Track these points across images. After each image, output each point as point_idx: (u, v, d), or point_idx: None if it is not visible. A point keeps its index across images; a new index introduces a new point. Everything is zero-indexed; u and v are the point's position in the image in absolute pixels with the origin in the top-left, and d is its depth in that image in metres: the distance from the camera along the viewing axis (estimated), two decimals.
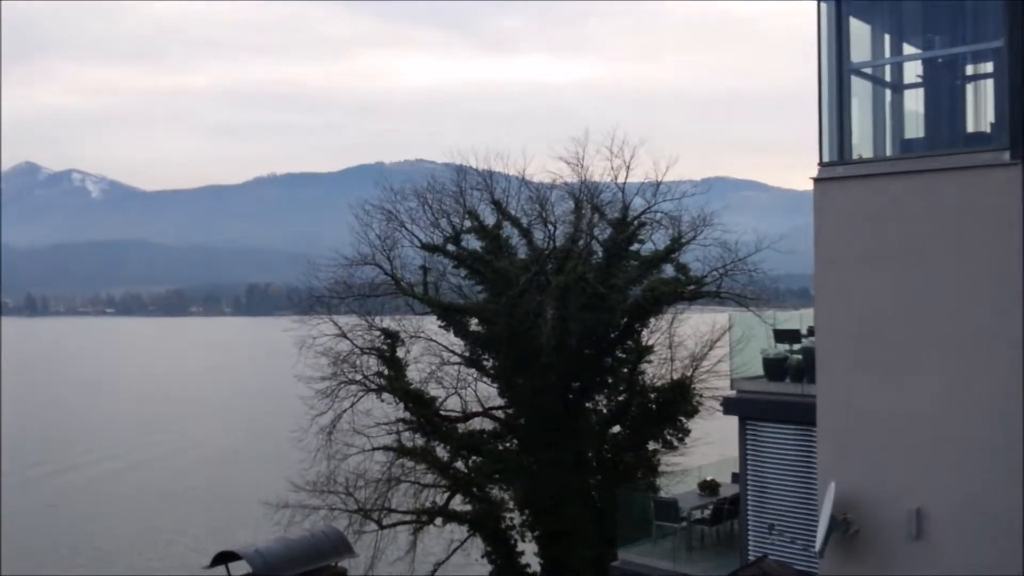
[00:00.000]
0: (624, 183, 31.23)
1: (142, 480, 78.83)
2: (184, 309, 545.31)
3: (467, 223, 31.92)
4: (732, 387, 21.54)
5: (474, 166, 32.61)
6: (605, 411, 31.68)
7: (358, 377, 30.94)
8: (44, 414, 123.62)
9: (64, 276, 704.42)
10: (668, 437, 30.61)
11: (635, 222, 31.29)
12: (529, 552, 31.17)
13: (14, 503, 70.89)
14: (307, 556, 12.66)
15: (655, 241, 31.70)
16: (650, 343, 31.42)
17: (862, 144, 13.65)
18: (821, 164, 13.26)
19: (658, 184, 31.11)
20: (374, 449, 30.91)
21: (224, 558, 12.49)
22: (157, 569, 52.97)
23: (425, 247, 31.76)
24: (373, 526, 29.98)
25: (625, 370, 31.23)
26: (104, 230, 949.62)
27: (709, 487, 24.50)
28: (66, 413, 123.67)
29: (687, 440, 30.95)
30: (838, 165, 13.15)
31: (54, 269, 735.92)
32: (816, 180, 13.17)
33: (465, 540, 31.44)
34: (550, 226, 31.44)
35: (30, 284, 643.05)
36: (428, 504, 31.12)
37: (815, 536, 13.17)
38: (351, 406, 30.67)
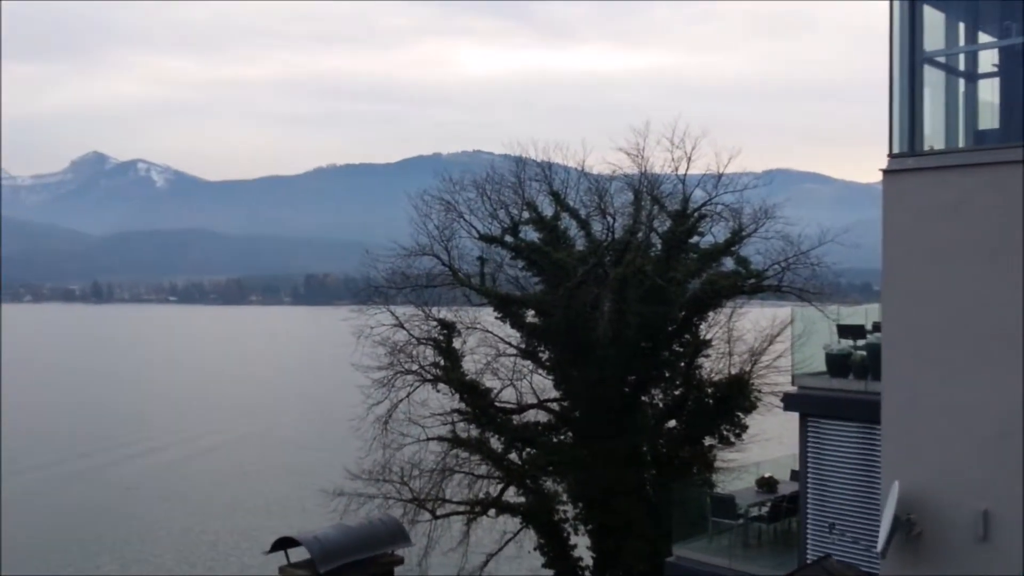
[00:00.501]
0: (685, 175, 30.89)
1: (202, 467, 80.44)
2: (244, 298, 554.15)
3: (525, 214, 31.82)
4: (793, 383, 21.18)
5: (533, 157, 32.54)
6: (661, 405, 31.39)
7: (414, 367, 31.06)
8: (110, 401, 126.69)
9: (129, 264, 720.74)
10: (725, 433, 30.22)
11: (695, 214, 30.90)
12: (582, 545, 31.08)
13: (86, 486, 72.94)
14: (365, 543, 12.66)
15: (715, 234, 31.29)
16: (708, 337, 31.03)
17: (934, 135, 13.28)
18: (891, 156, 12.91)
19: (719, 176, 30.71)
20: (429, 439, 31.04)
21: (284, 543, 12.55)
22: (217, 554, 54.00)
23: (483, 238, 31.74)
24: (427, 516, 30.12)
25: (682, 364, 30.89)
26: (168, 219, 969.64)
27: (767, 484, 24.13)
28: (131, 401, 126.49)
29: (744, 436, 30.54)
30: (909, 157, 12.79)
31: (119, 257, 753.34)
32: (886, 172, 12.82)
33: (518, 532, 31.43)
34: (609, 218, 31.18)
35: (96, 272, 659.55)
36: (481, 495, 31.17)
37: (877, 536, 12.87)
38: (407, 396, 30.82)
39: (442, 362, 31.23)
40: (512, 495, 31.40)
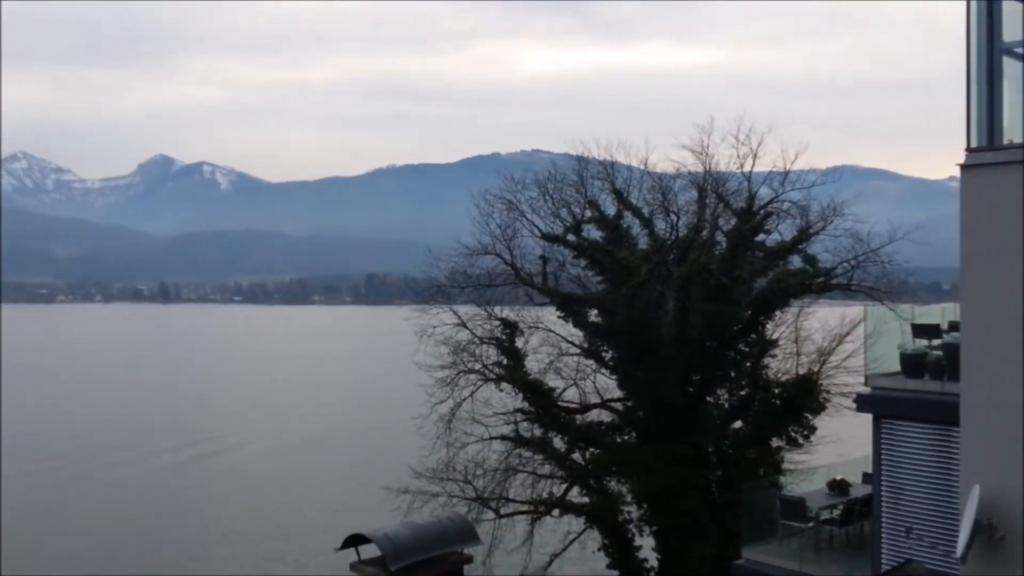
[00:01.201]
0: (750, 172, 30.43)
1: (266, 465, 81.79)
2: (306, 297, 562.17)
3: (588, 213, 31.67)
4: (866, 383, 20.73)
5: (594, 155, 32.37)
6: (726, 405, 31.04)
7: (477, 366, 31.11)
8: (176, 399, 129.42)
9: (195, 265, 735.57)
10: (793, 434, 29.73)
11: (761, 212, 30.45)
12: (647, 546, 30.83)
13: (156, 485, 74.66)
14: (434, 541, 12.71)
15: (782, 232, 30.80)
16: (775, 337, 30.58)
17: (1012, 128, 12.86)
18: (968, 150, 12.54)
19: (786, 173, 30.21)
20: (492, 438, 31.05)
21: (354, 540, 12.66)
22: (287, 551, 54.82)
23: (545, 237, 31.64)
24: (490, 515, 30.13)
25: (748, 364, 30.49)
26: (232, 220, 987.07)
27: (839, 487, 23.68)
28: (197, 400, 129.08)
29: (813, 438, 30.00)
30: (987, 151, 12.41)
31: (186, 258, 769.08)
32: (963, 167, 12.46)
33: (582, 532, 31.29)
34: (673, 216, 30.89)
35: (164, 272, 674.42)
36: (545, 495, 31.10)
37: (956, 541, 12.53)
38: (470, 395, 30.87)
39: (505, 361, 31.24)
40: (576, 495, 31.28)
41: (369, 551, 14.01)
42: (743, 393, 30.76)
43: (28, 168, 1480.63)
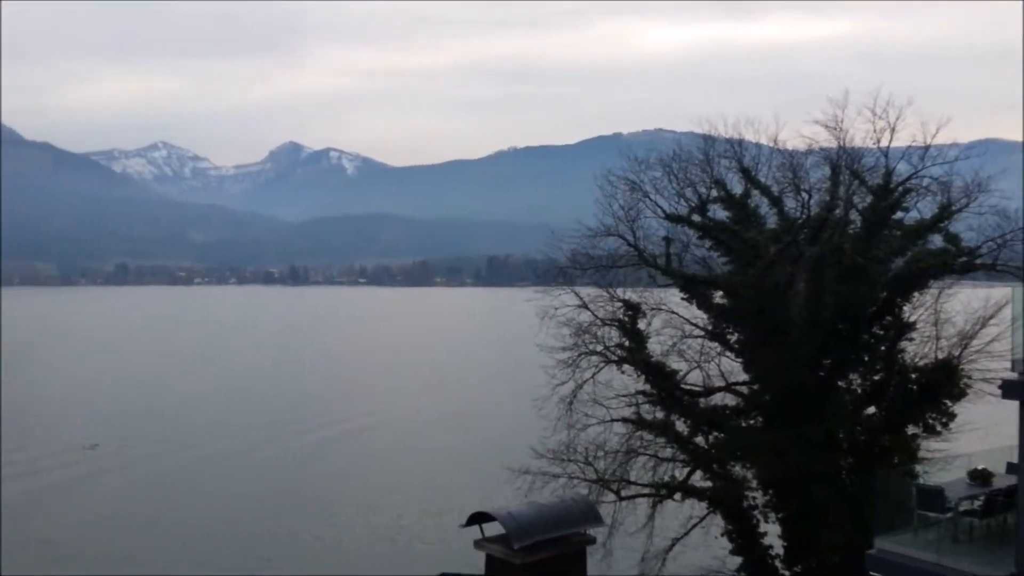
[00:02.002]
0: (888, 147, 29.07)
1: (397, 442, 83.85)
2: (429, 279, 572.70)
3: (714, 192, 30.91)
4: (1013, 369, 19.51)
5: (721, 133, 31.49)
6: (859, 390, 29.80)
7: (599, 348, 30.86)
8: (308, 378, 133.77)
9: (322, 248, 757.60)
10: (930, 421, 28.36)
11: (899, 189, 29.08)
12: (772, 533, 30.07)
13: (281, 457, 77.51)
14: (557, 522, 12.64)
15: (921, 209, 29.39)
16: (912, 319, 29.13)
17: None
18: None
19: (926, 148, 28.73)
20: (613, 420, 30.80)
21: (479, 518, 12.68)
22: (411, 524, 56.03)
23: (669, 217, 31.05)
24: (611, 497, 29.94)
25: (883, 347, 29.20)
26: (357, 204, 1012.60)
27: (981, 476, 22.42)
28: (327, 378, 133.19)
29: (951, 425, 28.56)
30: None
31: (314, 242, 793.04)
32: None
33: (704, 517, 30.77)
34: (804, 194, 29.76)
35: (293, 256, 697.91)
36: (667, 478, 30.69)
37: None
38: (592, 377, 30.67)
39: (627, 343, 30.89)
40: (698, 479, 30.76)
41: (493, 529, 14.05)
42: (877, 378, 29.49)
43: (168, 157, 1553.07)
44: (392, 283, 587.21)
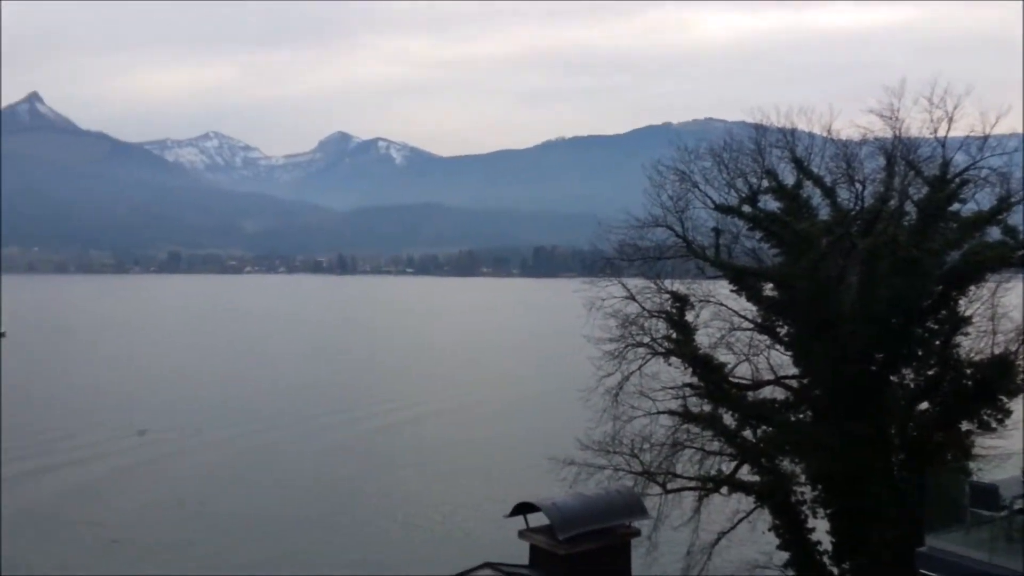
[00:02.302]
0: (945, 137, 28.34)
1: (433, 432, 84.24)
2: (475, 269, 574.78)
3: (765, 183, 30.39)
4: None
5: (773, 123, 30.95)
6: (912, 386, 29.19)
7: (646, 340, 30.58)
8: (356, 366, 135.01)
9: (370, 237, 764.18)
10: (985, 417, 27.71)
11: (956, 180, 28.34)
12: (820, 529, 29.66)
13: (329, 445, 78.28)
14: (602, 513, 12.55)
15: (979, 201, 28.59)
16: (968, 313, 28.39)
17: None
18: None
19: (985, 138, 27.98)
20: (660, 413, 30.55)
21: (523, 508, 12.63)
22: (454, 513, 56.22)
23: (719, 208, 30.63)
24: (656, 489, 29.71)
25: (937, 342, 28.57)
26: (405, 194, 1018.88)
27: None
28: (375, 366, 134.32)
29: (1007, 422, 27.88)
30: None
31: (362, 231, 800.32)
32: None
33: (751, 511, 30.41)
34: (857, 185, 29.18)
35: (342, 245, 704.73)
36: (713, 472, 30.37)
37: None
38: (638, 368, 30.41)
39: (674, 335, 30.60)
40: (745, 473, 30.41)
41: (537, 519, 13.99)
42: (931, 373, 28.87)
43: (219, 146, 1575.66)
44: (439, 273, 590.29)
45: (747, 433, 30.35)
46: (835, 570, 29.14)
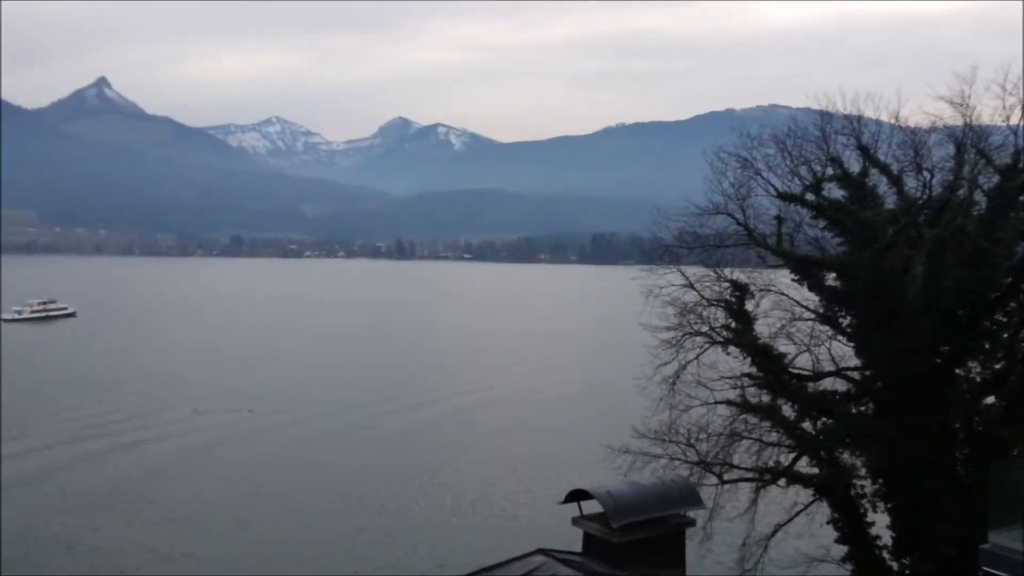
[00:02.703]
0: (1018, 125, 27.48)
1: (488, 418, 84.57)
2: (532, 256, 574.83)
3: (829, 170, 29.77)
4: None
5: (839, 109, 30.26)
6: (979, 379, 28.44)
7: (704, 329, 30.21)
8: (411, 350, 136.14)
9: (428, 223, 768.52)
10: None
11: None
12: (880, 523, 29.14)
13: (376, 430, 79.09)
14: (656, 502, 12.44)
15: None
16: None
17: None
18: None
19: None
20: (717, 403, 30.17)
21: (577, 496, 12.58)
22: (508, 499, 56.48)
23: (781, 196, 30.06)
24: (712, 480, 29.39)
25: (1005, 335, 27.82)
26: (464, 180, 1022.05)
27: None
28: (433, 352, 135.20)
29: None
30: None
31: (420, 216, 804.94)
32: None
33: (809, 504, 29.97)
34: (925, 173, 28.43)
35: (400, 230, 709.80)
36: (771, 463, 29.94)
37: None
38: (696, 357, 30.08)
39: (733, 324, 30.16)
40: (804, 465, 29.92)
41: (591, 507, 13.94)
42: (998, 367, 28.11)
43: (281, 132, 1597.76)
44: (496, 259, 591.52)
45: (806, 425, 29.87)
46: (895, 565, 28.60)
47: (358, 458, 67.92)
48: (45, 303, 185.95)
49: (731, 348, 30.14)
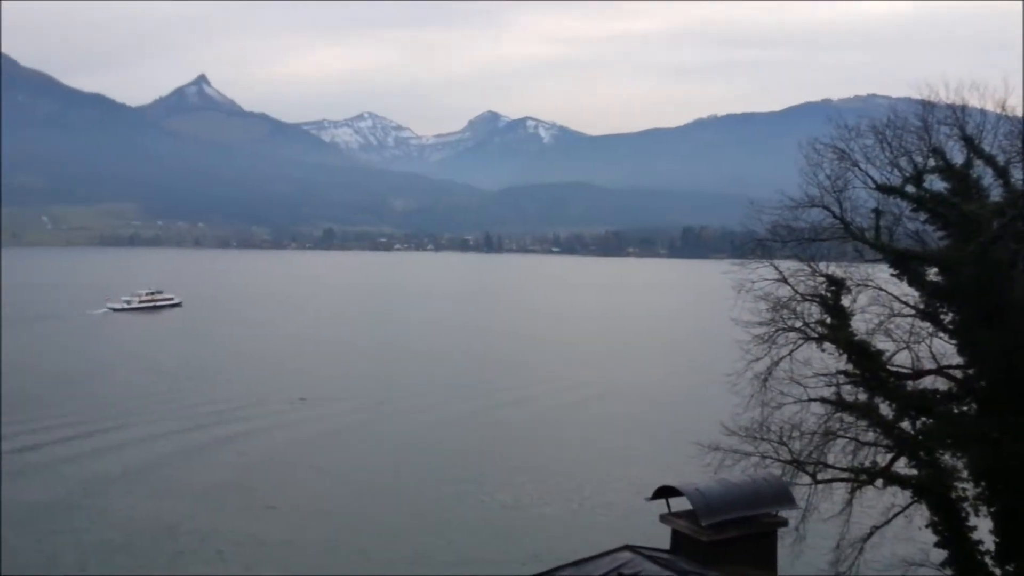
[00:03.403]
0: None
1: (578, 413, 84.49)
2: (621, 249, 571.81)
3: (931, 162, 28.71)
4: None
5: (942, 99, 29.18)
6: None
7: (798, 324, 29.47)
8: (501, 342, 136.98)
9: (517, 216, 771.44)
10: None
11: None
12: (983, 528, 28.09)
13: (476, 419, 79.65)
14: (747, 501, 12.16)
15: None
16: None
17: None
18: None
19: None
20: (811, 400, 29.41)
21: (665, 492, 12.39)
22: (595, 494, 56.35)
23: (880, 188, 29.13)
24: (806, 479, 28.68)
25: None
26: (552, 173, 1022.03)
27: None
28: (514, 347, 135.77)
29: None
30: None
31: (508, 210, 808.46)
32: None
33: (908, 506, 28.97)
34: None
35: (488, 224, 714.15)
36: (867, 463, 29.04)
37: None
38: (789, 354, 29.34)
39: (828, 320, 29.35)
40: (902, 466, 28.96)
41: (679, 504, 13.72)
42: None
43: (372, 127, 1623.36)
44: (584, 252, 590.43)
45: (905, 424, 28.89)
46: (998, 571, 27.52)
47: (445, 447, 68.66)
48: (153, 293, 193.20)
49: (826, 344, 29.31)
